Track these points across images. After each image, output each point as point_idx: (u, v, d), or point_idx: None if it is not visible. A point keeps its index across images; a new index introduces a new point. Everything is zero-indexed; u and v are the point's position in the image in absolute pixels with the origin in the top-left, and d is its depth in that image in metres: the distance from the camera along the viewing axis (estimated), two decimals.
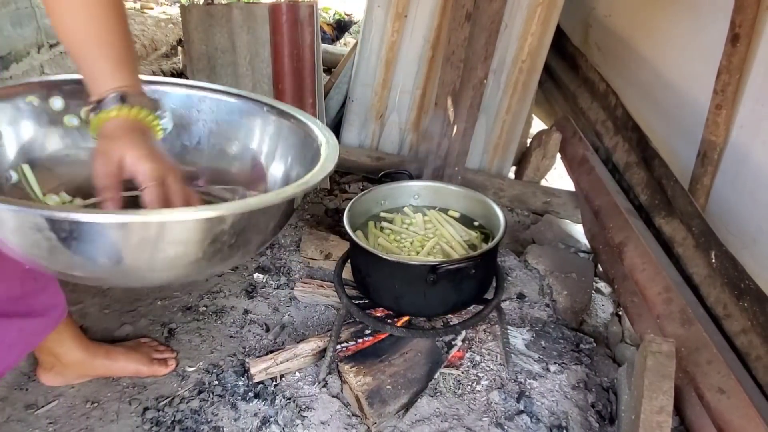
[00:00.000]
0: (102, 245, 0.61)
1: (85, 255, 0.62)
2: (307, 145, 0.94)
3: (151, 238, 0.62)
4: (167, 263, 0.67)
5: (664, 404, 1.06)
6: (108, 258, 0.63)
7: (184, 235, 0.64)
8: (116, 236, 0.61)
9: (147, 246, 0.63)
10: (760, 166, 1.38)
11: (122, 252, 0.63)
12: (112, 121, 0.78)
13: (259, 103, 1.05)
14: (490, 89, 2.21)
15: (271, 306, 1.63)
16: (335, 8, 5.64)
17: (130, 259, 0.64)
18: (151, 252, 0.64)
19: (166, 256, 0.65)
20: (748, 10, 1.36)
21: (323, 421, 1.26)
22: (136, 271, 0.67)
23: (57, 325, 1.18)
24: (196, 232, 0.64)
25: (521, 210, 2.31)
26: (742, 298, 1.22)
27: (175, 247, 0.64)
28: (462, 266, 1.15)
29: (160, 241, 0.63)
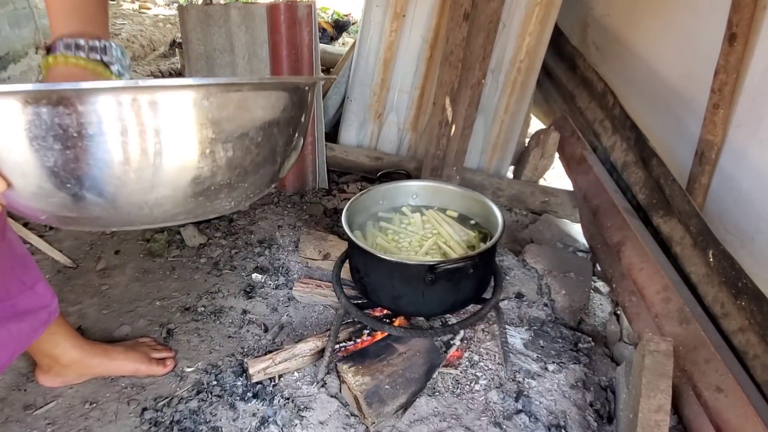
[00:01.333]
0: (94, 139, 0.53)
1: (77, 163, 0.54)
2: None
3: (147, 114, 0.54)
4: (168, 171, 0.58)
5: (662, 403, 1.07)
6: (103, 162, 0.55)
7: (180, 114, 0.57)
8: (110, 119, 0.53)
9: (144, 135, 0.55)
10: (758, 166, 1.38)
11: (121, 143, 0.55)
12: (55, 69, 0.73)
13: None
14: (489, 89, 2.21)
15: (270, 306, 1.63)
16: (334, 8, 5.64)
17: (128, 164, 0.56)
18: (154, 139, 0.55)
19: (166, 156, 0.57)
20: (745, 9, 1.36)
21: (322, 421, 1.26)
22: (135, 185, 0.58)
23: (49, 325, 1.18)
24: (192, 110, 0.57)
25: (519, 209, 2.31)
26: (740, 297, 1.23)
27: (173, 140, 0.57)
28: (460, 266, 1.15)
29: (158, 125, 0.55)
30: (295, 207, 2.16)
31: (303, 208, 2.16)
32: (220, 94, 0.59)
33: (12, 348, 1.09)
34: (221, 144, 0.61)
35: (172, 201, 0.62)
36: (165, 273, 1.73)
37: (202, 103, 0.58)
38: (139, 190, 0.59)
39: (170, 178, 0.59)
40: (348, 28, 5.44)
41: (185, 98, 0.57)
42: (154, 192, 0.60)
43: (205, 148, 0.59)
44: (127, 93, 0.54)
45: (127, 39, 4.46)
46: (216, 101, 0.59)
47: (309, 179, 2.29)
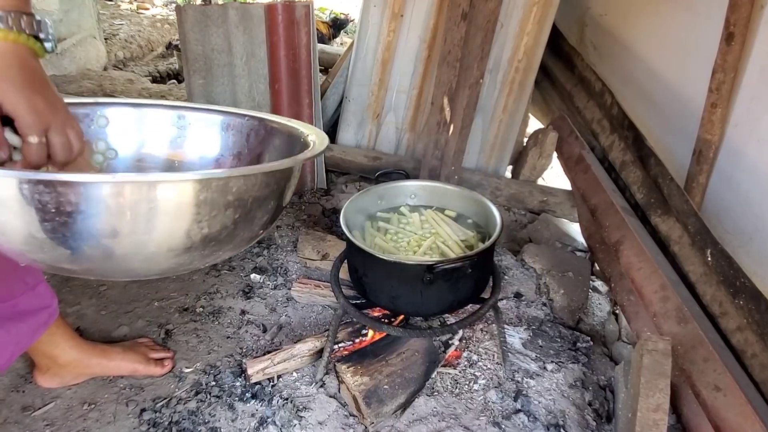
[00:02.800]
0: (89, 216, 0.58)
1: (75, 236, 0.59)
2: (293, 143, 0.93)
3: (143, 202, 0.59)
4: (160, 240, 0.63)
5: (660, 402, 1.07)
6: (96, 238, 0.60)
7: (176, 198, 0.61)
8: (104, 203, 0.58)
9: (139, 217, 0.59)
10: (756, 164, 1.38)
11: (114, 223, 0.60)
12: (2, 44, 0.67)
13: (240, 115, 1.05)
14: (487, 89, 2.21)
15: (269, 306, 1.63)
16: (332, 8, 5.64)
17: (121, 235, 0.61)
18: (144, 223, 0.60)
19: (159, 230, 0.62)
20: (742, 8, 1.37)
21: (320, 422, 1.26)
22: (127, 254, 0.63)
23: (49, 326, 1.18)
24: (191, 198, 0.62)
25: (518, 209, 2.31)
26: (738, 296, 1.23)
27: (167, 218, 0.62)
28: (458, 265, 1.15)
29: (152, 209, 0.60)
30: (293, 207, 2.16)
31: (301, 209, 2.16)
32: (214, 184, 0.64)
33: (11, 349, 1.09)
34: (205, 222, 0.65)
35: (166, 263, 0.68)
36: None
37: (197, 195, 0.63)
38: (131, 260, 0.65)
39: (161, 250, 0.65)
40: (346, 28, 5.44)
41: (183, 188, 0.62)
42: (145, 261, 0.65)
43: (190, 227, 0.64)
44: (123, 185, 0.59)
45: (125, 39, 4.46)
46: (209, 191, 0.64)
47: (307, 179, 2.29)
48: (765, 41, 1.38)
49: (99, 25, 4.05)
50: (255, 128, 1.02)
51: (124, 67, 4.17)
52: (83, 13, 3.82)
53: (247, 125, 1.03)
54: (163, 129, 1.01)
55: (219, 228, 0.67)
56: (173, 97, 3.34)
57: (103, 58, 4.05)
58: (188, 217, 0.63)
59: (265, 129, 1.01)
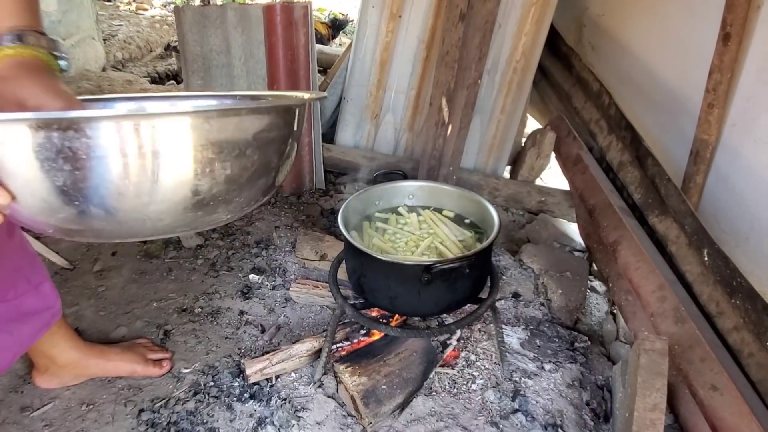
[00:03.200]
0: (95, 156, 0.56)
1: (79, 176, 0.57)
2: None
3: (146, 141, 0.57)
4: (168, 188, 0.62)
5: (657, 401, 1.07)
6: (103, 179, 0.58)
7: (180, 137, 0.60)
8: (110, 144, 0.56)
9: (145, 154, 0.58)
10: (752, 165, 1.39)
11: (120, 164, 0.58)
12: (6, 61, 0.71)
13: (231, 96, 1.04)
14: (485, 89, 2.22)
15: (267, 307, 1.63)
16: (331, 8, 5.64)
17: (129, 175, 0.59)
18: (152, 163, 0.59)
19: (164, 175, 0.60)
20: (738, 9, 1.37)
21: (319, 422, 1.27)
22: (134, 201, 0.61)
23: (51, 326, 1.18)
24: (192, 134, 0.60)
25: (516, 209, 2.31)
26: (735, 296, 1.23)
27: (172, 161, 0.60)
28: (456, 266, 1.15)
29: (156, 150, 0.58)
30: (292, 208, 2.17)
31: (300, 209, 2.16)
32: (217, 119, 0.62)
33: (15, 350, 1.09)
34: (218, 163, 0.64)
35: (171, 215, 0.65)
36: (162, 274, 1.73)
37: (202, 126, 0.61)
38: (141, 205, 0.62)
39: (170, 194, 0.62)
40: (345, 28, 5.45)
41: (185, 123, 0.60)
42: (154, 207, 0.63)
43: (203, 167, 0.63)
44: (131, 120, 0.57)
45: (123, 40, 4.46)
46: (214, 125, 0.62)
47: (306, 180, 2.30)
48: (762, 41, 1.38)
49: (97, 25, 4.05)
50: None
51: (122, 68, 4.17)
52: (82, 13, 3.82)
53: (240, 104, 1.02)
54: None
55: (227, 171, 0.65)
56: None
57: (102, 58, 4.05)
58: (194, 156, 0.62)
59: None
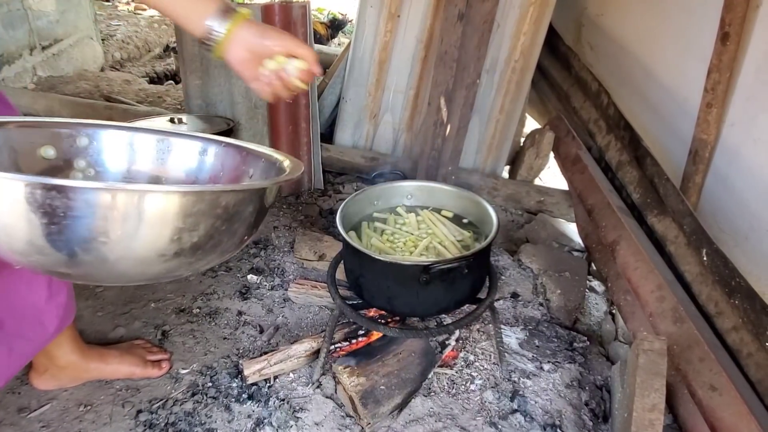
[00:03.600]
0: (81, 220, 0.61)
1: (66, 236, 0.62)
2: (270, 168, 0.95)
3: (132, 210, 0.63)
4: (150, 244, 0.66)
5: (656, 402, 1.07)
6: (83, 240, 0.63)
7: (162, 208, 0.65)
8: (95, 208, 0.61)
9: (128, 223, 0.63)
10: (751, 164, 1.39)
11: (106, 228, 0.63)
12: (239, 29, 0.85)
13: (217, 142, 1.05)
14: (483, 89, 2.22)
15: (265, 307, 1.63)
16: (330, 8, 5.64)
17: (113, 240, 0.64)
18: (133, 229, 0.63)
19: (147, 235, 0.65)
20: (737, 8, 1.37)
21: (317, 422, 1.26)
22: (119, 258, 0.66)
23: (64, 329, 1.18)
24: (175, 208, 0.65)
25: (515, 209, 2.31)
26: (733, 296, 1.23)
27: (154, 226, 0.65)
28: (455, 266, 1.15)
29: (140, 216, 0.63)
30: (290, 208, 2.16)
31: (298, 209, 2.16)
32: (194, 197, 0.66)
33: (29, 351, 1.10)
34: (188, 232, 0.68)
35: (146, 271, 0.71)
36: None
37: (182, 204, 0.66)
38: (120, 262, 0.67)
39: (141, 256, 0.68)
40: (344, 28, 5.44)
41: (167, 199, 0.65)
42: (124, 264, 0.68)
43: (174, 235, 0.67)
44: (115, 192, 0.62)
45: (122, 40, 4.45)
46: (189, 203, 0.66)
47: (305, 180, 2.29)
48: (760, 41, 1.38)
49: (96, 25, 4.05)
50: (231, 154, 1.02)
51: (121, 68, 4.17)
52: (80, 13, 3.82)
53: (223, 152, 1.03)
54: (147, 151, 1.01)
55: (201, 237, 0.70)
56: (170, 98, 3.34)
57: (100, 58, 4.05)
58: (172, 226, 0.66)
59: (241, 155, 1.01)
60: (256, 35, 0.86)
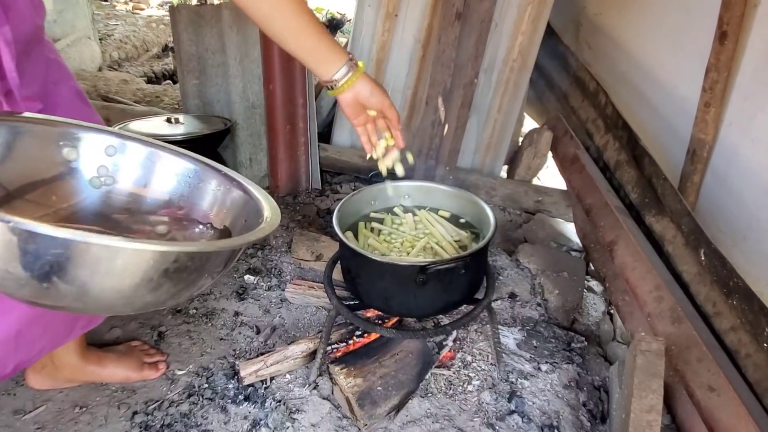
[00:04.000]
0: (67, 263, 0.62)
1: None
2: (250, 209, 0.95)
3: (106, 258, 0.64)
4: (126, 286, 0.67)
5: (653, 403, 1.06)
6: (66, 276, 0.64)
7: (137, 264, 0.66)
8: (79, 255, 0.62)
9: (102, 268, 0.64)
10: (750, 164, 1.38)
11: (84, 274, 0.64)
12: (357, 81, 1.01)
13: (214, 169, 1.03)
14: (481, 88, 2.21)
15: (262, 308, 1.62)
16: (329, 8, 5.63)
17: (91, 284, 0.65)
18: (108, 273, 0.65)
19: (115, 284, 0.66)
20: (735, 7, 1.36)
21: (314, 423, 1.26)
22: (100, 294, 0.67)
23: (87, 329, 1.18)
24: (148, 264, 0.66)
25: (513, 209, 2.31)
26: (732, 296, 1.22)
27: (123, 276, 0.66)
28: (451, 266, 1.14)
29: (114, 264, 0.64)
30: (288, 208, 2.16)
31: (296, 209, 2.15)
32: (172, 254, 0.67)
33: (45, 342, 1.08)
34: (156, 281, 0.68)
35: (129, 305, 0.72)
36: None
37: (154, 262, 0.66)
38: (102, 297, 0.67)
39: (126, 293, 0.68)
40: (342, 27, 5.44)
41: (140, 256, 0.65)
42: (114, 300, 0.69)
43: (152, 283, 0.67)
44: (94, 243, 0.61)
45: (120, 40, 4.44)
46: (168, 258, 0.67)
47: (302, 180, 2.29)
48: (758, 40, 1.38)
49: (93, 25, 4.04)
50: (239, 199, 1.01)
51: (119, 68, 4.16)
52: (78, 13, 3.81)
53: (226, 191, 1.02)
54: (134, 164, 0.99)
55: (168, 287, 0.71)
56: (168, 98, 3.33)
57: (98, 58, 4.04)
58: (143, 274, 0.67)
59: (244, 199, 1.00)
60: (366, 90, 1.03)
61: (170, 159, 0.97)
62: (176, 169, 0.98)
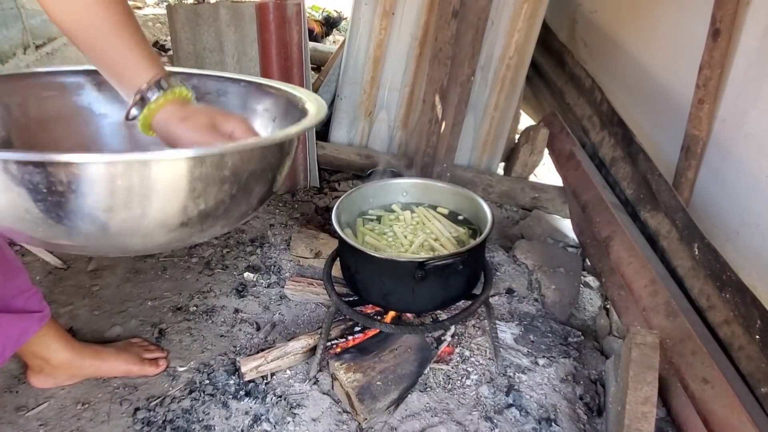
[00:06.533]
0: (88, 194, 0.58)
1: (71, 208, 0.58)
2: (290, 108, 0.92)
3: (137, 180, 0.59)
4: (157, 215, 0.63)
5: (648, 395, 1.08)
6: (94, 210, 0.59)
7: (174, 174, 0.61)
8: (102, 183, 0.58)
9: (134, 194, 0.59)
10: (743, 160, 1.40)
11: (108, 202, 0.59)
12: (169, 107, 0.78)
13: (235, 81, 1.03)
14: (478, 86, 2.22)
15: (262, 305, 1.63)
16: (325, 6, 5.63)
17: (116, 212, 0.60)
18: (140, 200, 0.60)
19: (154, 207, 0.62)
20: (728, 5, 1.38)
21: (314, 418, 1.27)
22: (123, 228, 0.63)
23: (42, 325, 1.18)
24: (185, 173, 0.62)
25: (510, 206, 2.32)
26: (725, 290, 1.24)
27: (164, 194, 0.62)
28: (450, 262, 1.16)
29: (147, 186, 0.60)
30: (286, 205, 2.17)
31: (294, 207, 2.16)
32: (209, 161, 0.63)
33: (2, 341, 1.09)
34: (201, 198, 0.65)
35: (161, 236, 0.67)
36: (156, 273, 1.73)
37: (192, 172, 0.62)
38: (123, 233, 0.64)
39: (158, 223, 0.64)
40: (339, 26, 5.44)
41: (177, 166, 0.61)
42: (136, 236, 0.65)
43: (186, 203, 0.64)
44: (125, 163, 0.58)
45: None
46: (204, 167, 0.63)
47: (300, 177, 2.30)
48: (751, 37, 1.39)
49: None
50: (252, 94, 1.00)
51: None
52: None
53: (243, 92, 1.02)
54: None
55: (214, 203, 0.66)
56: None
57: None
58: (183, 194, 0.63)
59: (262, 94, 0.99)
60: (172, 131, 0.78)
61: None
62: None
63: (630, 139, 1.84)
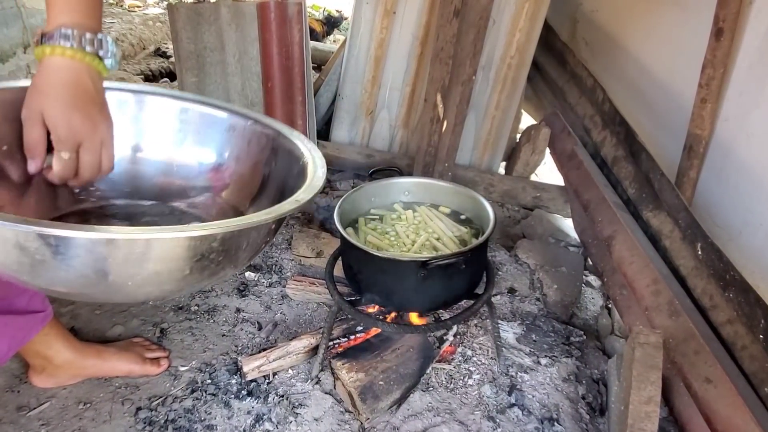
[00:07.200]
0: (84, 261, 0.59)
1: (66, 271, 0.60)
2: (292, 162, 0.93)
3: (137, 255, 0.60)
4: (154, 280, 0.65)
5: (651, 394, 1.08)
6: (91, 275, 0.60)
7: (171, 252, 0.62)
8: (99, 253, 0.59)
9: (132, 263, 0.61)
10: (745, 159, 1.40)
11: (107, 269, 0.61)
12: (50, 60, 0.72)
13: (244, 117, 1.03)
14: (479, 85, 2.22)
15: (264, 304, 1.63)
16: (326, 5, 5.63)
17: (114, 276, 0.62)
18: (137, 269, 0.61)
19: (153, 272, 0.63)
20: (731, 4, 1.38)
21: (316, 418, 1.27)
22: (120, 288, 0.64)
23: (44, 325, 1.18)
24: (184, 250, 0.63)
25: (511, 205, 2.32)
26: (728, 289, 1.24)
27: (162, 264, 0.63)
28: (452, 261, 1.16)
29: (147, 259, 0.61)
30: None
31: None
32: (203, 238, 0.64)
33: (7, 342, 1.08)
34: (189, 266, 0.66)
35: (155, 293, 0.72)
36: None
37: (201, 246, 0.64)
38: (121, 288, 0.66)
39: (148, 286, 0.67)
40: (340, 25, 5.44)
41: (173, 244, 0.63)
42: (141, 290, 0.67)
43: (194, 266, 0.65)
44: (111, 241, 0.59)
45: (116, 38, 4.43)
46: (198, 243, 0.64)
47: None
48: (754, 36, 1.39)
49: None
50: (257, 135, 1.00)
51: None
52: None
53: (249, 130, 1.02)
54: (165, 121, 1.00)
55: (205, 269, 0.68)
56: None
57: None
58: (178, 262, 0.64)
59: (266, 138, 1.00)
60: (30, 91, 0.73)
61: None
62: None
63: (632, 139, 1.84)
